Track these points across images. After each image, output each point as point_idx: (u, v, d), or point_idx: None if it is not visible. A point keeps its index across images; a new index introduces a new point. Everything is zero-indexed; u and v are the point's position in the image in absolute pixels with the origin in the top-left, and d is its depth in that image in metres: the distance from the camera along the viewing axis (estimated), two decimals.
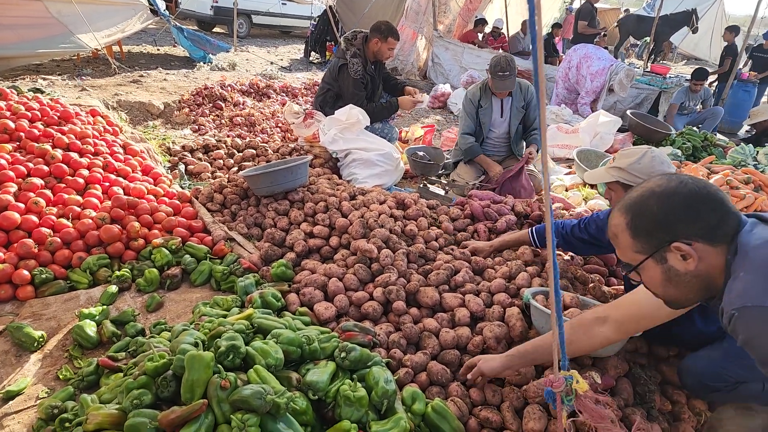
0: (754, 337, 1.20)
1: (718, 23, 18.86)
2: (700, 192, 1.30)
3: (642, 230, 1.35)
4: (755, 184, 4.11)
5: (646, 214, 1.34)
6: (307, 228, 3.04)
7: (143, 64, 8.39)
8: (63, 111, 3.67)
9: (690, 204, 1.29)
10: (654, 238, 1.33)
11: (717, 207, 1.30)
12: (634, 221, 1.36)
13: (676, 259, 1.32)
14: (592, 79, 7.39)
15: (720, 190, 1.34)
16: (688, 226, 1.29)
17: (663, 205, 1.31)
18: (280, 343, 1.80)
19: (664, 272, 1.35)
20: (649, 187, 1.36)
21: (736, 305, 1.21)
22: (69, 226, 2.74)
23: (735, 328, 1.23)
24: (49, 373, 2.06)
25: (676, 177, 1.35)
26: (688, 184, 1.32)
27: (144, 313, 2.47)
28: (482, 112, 4.46)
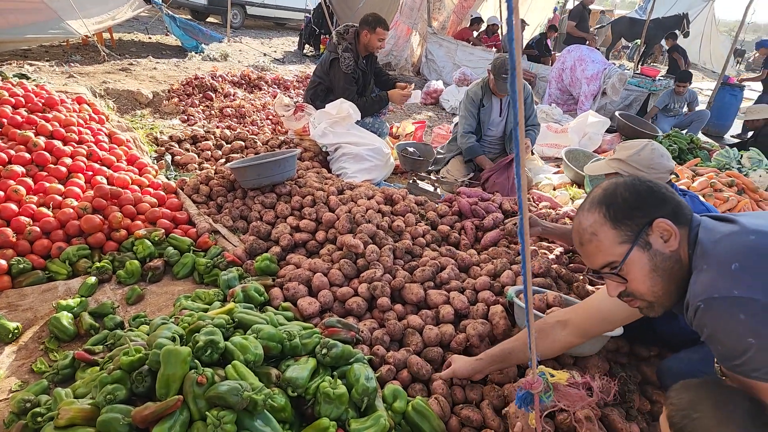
0: (720, 330, 1.21)
1: (708, 27, 19.05)
2: (653, 182, 1.39)
3: (622, 216, 1.35)
4: (738, 187, 4.14)
5: (619, 202, 1.36)
6: (294, 222, 3.01)
7: (134, 52, 8.27)
8: (48, 98, 3.60)
9: (653, 189, 1.36)
10: (635, 220, 1.34)
11: (669, 194, 1.37)
12: (610, 211, 1.36)
13: (659, 242, 1.33)
14: (588, 83, 7.45)
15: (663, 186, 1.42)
16: (658, 207, 1.34)
17: (631, 191, 1.37)
18: (261, 339, 1.77)
19: (651, 259, 1.34)
20: (611, 182, 1.43)
21: (701, 297, 1.23)
22: (49, 216, 2.69)
23: (701, 321, 1.25)
24: (23, 366, 2.02)
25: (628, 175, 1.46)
26: (640, 179, 1.41)
27: (124, 305, 2.43)
28: (483, 111, 4.48)
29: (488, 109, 4.49)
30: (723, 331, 1.21)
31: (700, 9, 18.48)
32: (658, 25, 13.98)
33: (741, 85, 9.48)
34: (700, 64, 20.35)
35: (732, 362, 1.22)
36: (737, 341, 1.18)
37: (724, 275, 1.21)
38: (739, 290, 1.17)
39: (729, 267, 1.21)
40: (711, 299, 1.21)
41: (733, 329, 1.19)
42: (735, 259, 1.22)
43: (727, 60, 8.98)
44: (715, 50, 19.69)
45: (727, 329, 1.20)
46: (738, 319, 1.17)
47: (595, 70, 7.43)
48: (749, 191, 4.19)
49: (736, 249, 1.24)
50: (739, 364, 1.20)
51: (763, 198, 4.20)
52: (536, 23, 14.28)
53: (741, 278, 1.19)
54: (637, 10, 18.98)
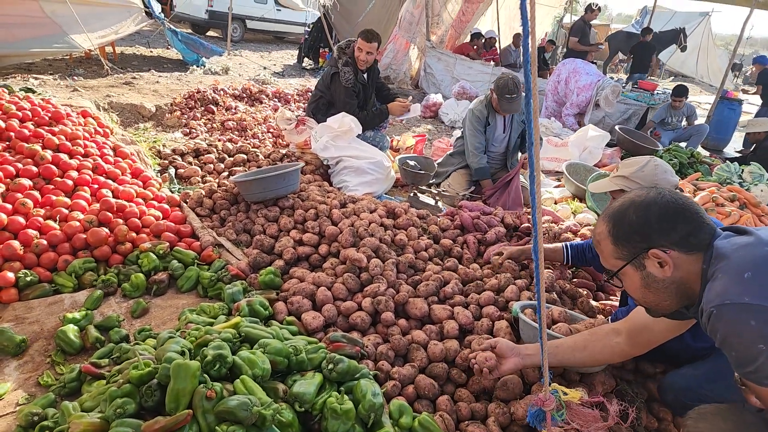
0: (731, 335, 1.25)
1: (705, 41, 19.26)
2: (676, 203, 1.38)
3: (622, 238, 1.43)
4: (740, 201, 4.17)
5: (625, 223, 1.43)
6: (297, 235, 3.03)
7: (136, 66, 8.34)
8: (54, 111, 3.63)
9: (666, 214, 1.38)
10: (633, 245, 1.42)
11: (691, 218, 1.38)
12: (614, 229, 1.44)
13: (654, 266, 1.40)
14: (578, 93, 7.50)
15: (695, 203, 1.42)
16: (665, 235, 1.37)
17: (641, 214, 1.40)
18: (268, 353, 1.78)
19: (643, 278, 1.43)
20: (629, 198, 1.46)
21: (714, 303, 1.27)
22: (56, 229, 2.70)
23: (714, 327, 1.29)
24: (30, 379, 2.02)
25: (656, 189, 1.44)
26: (665, 195, 1.40)
27: (129, 318, 2.44)
28: (488, 129, 4.51)
29: (493, 127, 4.53)
30: (734, 336, 1.25)
31: (696, 23, 18.73)
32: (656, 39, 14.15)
33: (739, 99, 9.57)
34: (697, 78, 20.56)
35: (745, 369, 1.25)
36: (748, 347, 1.22)
37: (737, 283, 1.25)
38: (750, 297, 1.21)
39: (742, 276, 1.25)
40: (723, 305, 1.25)
41: (744, 335, 1.22)
42: (748, 269, 1.26)
43: (726, 74, 9.07)
44: (712, 64, 19.90)
45: (739, 335, 1.24)
46: (749, 325, 1.20)
47: (588, 81, 7.50)
48: (751, 206, 4.22)
49: (749, 259, 1.28)
50: (753, 371, 1.23)
51: (765, 213, 4.23)
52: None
53: (752, 286, 1.23)
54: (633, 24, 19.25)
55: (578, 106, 7.60)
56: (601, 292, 2.91)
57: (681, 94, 7.64)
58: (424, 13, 10.50)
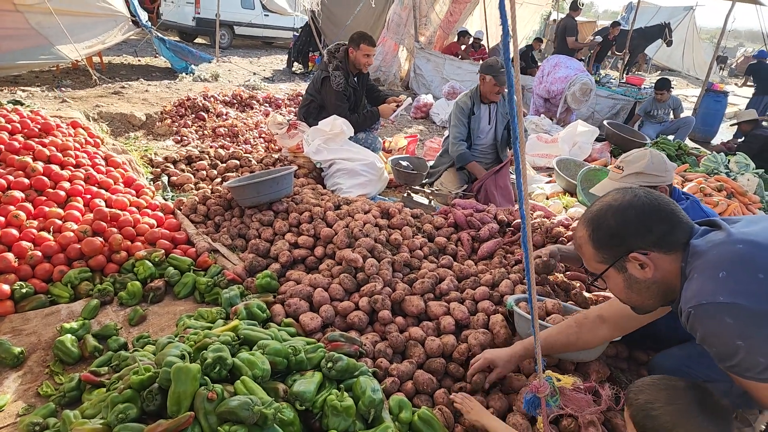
0: (709, 334, 1.30)
1: (690, 35, 19.45)
2: (652, 204, 1.41)
3: (602, 242, 1.46)
4: (727, 191, 4.23)
5: (604, 228, 1.45)
6: (292, 238, 3.04)
7: (124, 75, 8.32)
8: (44, 123, 3.62)
9: (642, 216, 1.40)
10: (613, 249, 1.44)
11: (667, 217, 1.40)
12: (594, 234, 1.46)
13: (635, 268, 1.43)
14: (552, 83, 7.52)
15: (670, 201, 1.44)
16: (643, 237, 1.40)
17: (619, 218, 1.42)
18: (267, 354, 1.80)
19: (625, 280, 1.46)
20: (606, 202, 1.47)
21: (691, 303, 1.31)
22: (50, 240, 2.70)
23: (693, 326, 1.33)
24: (29, 390, 2.02)
25: (631, 191, 1.46)
26: (640, 197, 1.43)
27: (126, 326, 2.44)
28: (473, 120, 4.57)
29: (478, 118, 4.58)
30: (712, 334, 1.29)
31: (681, 17, 18.91)
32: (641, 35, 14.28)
33: (725, 91, 9.69)
34: (683, 71, 20.75)
35: (726, 363, 1.29)
36: (726, 344, 1.26)
37: (712, 283, 1.29)
38: (725, 296, 1.25)
39: (717, 275, 1.28)
40: (699, 305, 1.29)
41: (721, 333, 1.26)
42: (722, 268, 1.29)
43: (710, 67, 9.19)
44: (698, 57, 20.10)
45: (716, 333, 1.28)
46: (725, 323, 1.24)
47: (565, 74, 7.52)
48: (738, 195, 4.28)
49: (723, 258, 1.31)
50: (733, 365, 1.27)
51: (752, 201, 4.30)
52: (522, 36, 14.53)
53: (726, 285, 1.26)
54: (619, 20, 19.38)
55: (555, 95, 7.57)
56: (594, 285, 2.94)
57: (663, 87, 7.73)
58: (411, 14, 10.56)
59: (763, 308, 1.21)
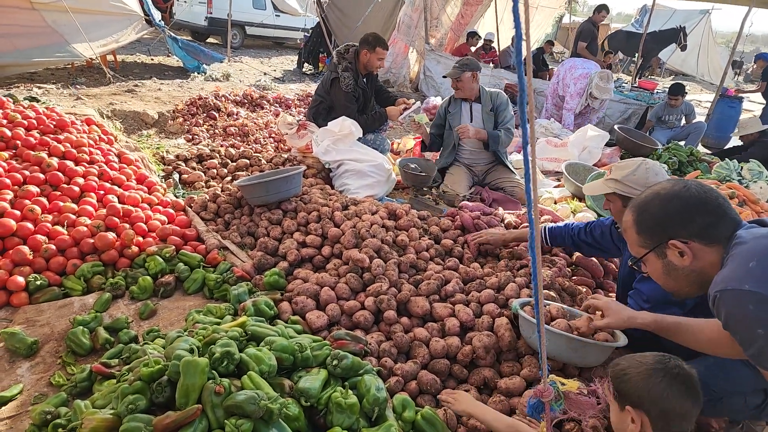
0: (732, 318, 1.33)
1: (706, 39, 19.25)
2: (700, 197, 1.45)
3: (644, 228, 1.53)
4: (739, 198, 4.20)
5: (648, 214, 1.52)
6: (300, 237, 3.08)
7: (137, 74, 8.42)
8: (59, 120, 3.69)
9: (686, 207, 1.45)
10: (654, 235, 1.51)
11: (713, 211, 1.45)
12: (638, 219, 1.54)
13: (674, 255, 1.48)
14: (575, 83, 7.41)
15: (721, 196, 1.47)
16: (684, 227, 1.45)
17: (663, 206, 1.49)
18: (274, 351, 1.83)
19: (664, 266, 1.53)
20: (655, 190, 1.54)
21: (718, 288, 1.34)
22: (64, 234, 2.76)
23: (718, 309, 1.36)
24: (41, 379, 2.08)
25: (682, 182, 1.51)
26: (690, 188, 1.47)
27: (137, 320, 2.49)
28: (450, 117, 4.68)
29: (456, 114, 4.64)
30: (734, 319, 1.33)
31: (696, 21, 18.71)
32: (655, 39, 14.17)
33: (740, 97, 9.57)
34: (698, 76, 20.55)
35: (748, 351, 1.32)
36: (747, 330, 1.30)
37: (741, 270, 1.32)
38: (750, 284, 1.27)
39: (747, 264, 1.32)
40: (725, 291, 1.32)
41: (743, 319, 1.30)
42: (754, 258, 1.32)
43: (725, 72, 9.07)
44: (713, 62, 19.88)
45: (738, 318, 1.32)
46: (748, 310, 1.27)
47: (585, 71, 7.43)
48: (750, 203, 4.24)
49: (758, 249, 1.34)
50: (754, 354, 1.30)
51: (765, 209, 4.26)
52: (534, 39, 14.50)
53: (755, 274, 1.29)
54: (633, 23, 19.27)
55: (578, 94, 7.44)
56: (600, 289, 2.95)
57: (677, 93, 7.64)
58: (422, 16, 10.56)
59: None
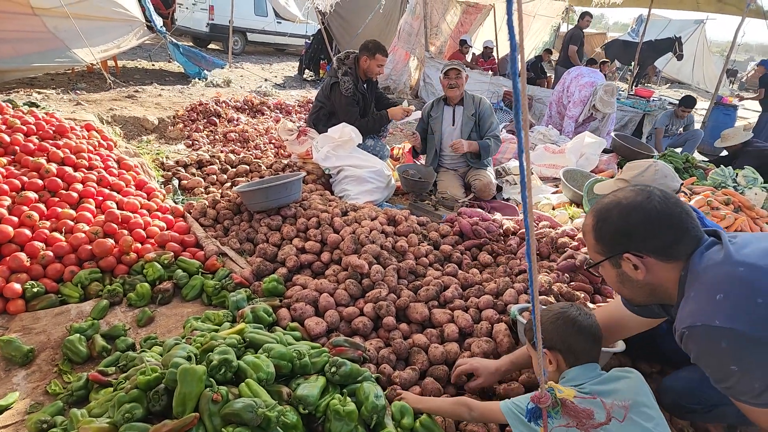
0: (703, 355, 1.29)
1: (700, 49, 19.40)
2: (662, 211, 1.38)
3: (602, 236, 1.48)
4: (735, 204, 4.21)
5: (607, 223, 1.46)
6: (299, 243, 3.08)
7: (138, 79, 8.44)
8: (58, 125, 3.69)
9: (647, 222, 1.39)
10: (610, 245, 1.46)
11: (674, 227, 1.38)
12: (597, 226, 1.49)
13: (628, 267, 1.44)
14: (580, 90, 7.38)
15: (684, 210, 1.41)
16: (642, 241, 1.40)
17: (623, 217, 1.43)
18: (272, 358, 1.82)
19: (618, 275, 1.50)
20: (618, 197, 1.47)
21: (686, 324, 1.30)
22: (62, 240, 2.75)
23: (687, 346, 1.33)
24: (38, 388, 2.06)
25: (647, 192, 1.43)
26: (653, 201, 1.40)
27: (135, 327, 2.48)
28: (432, 121, 4.75)
29: (438, 118, 4.70)
30: (707, 356, 1.29)
31: (691, 31, 18.89)
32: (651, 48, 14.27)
33: (734, 105, 9.64)
34: (693, 85, 20.69)
35: (720, 385, 1.29)
36: (720, 367, 1.26)
37: (709, 305, 1.27)
38: (721, 320, 1.22)
39: (714, 297, 1.26)
40: (694, 327, 1.28)
41: (715, 356, 1.26)
42: (720, 290, 1.26)
43: (720, 80, 9.14)
44: (708, 70, 20.04)
45: (711, 356, 1.27)
46: (720, 347, 1.23)
47: (591, 79, 7.40)
48: (746, 209, 4.26)
49: (722, 279, 1.29)
50: (728, 387, 1.27)
51: (760, 215, 4.27)
52: (532, 47, 14.58)
53: (724, 308, 1.24)
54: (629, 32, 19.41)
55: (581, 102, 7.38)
56: (598, 295, 2.94)
57: (690, 105, 7.64)
58: (422, 24, 10.64)
59: (759, 334, 1.19)
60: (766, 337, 1.19)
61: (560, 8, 13.70)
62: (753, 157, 6.06)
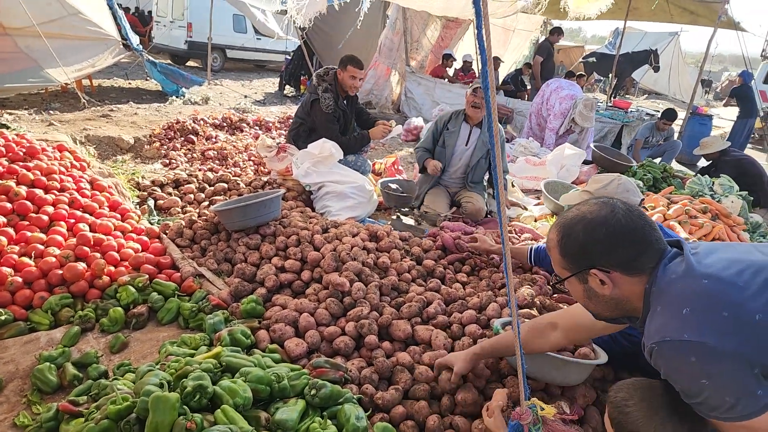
0: (673, 371, 1.28)
1: (676, 60, 19.90)
2: (626, 225, 1.37)
3: (567, 252, 1.45)
4: (712, 213, 4.27)
5: (572, 238, 1.43)
6: (279, 262, 3.02)
7: (114, 98, 8.34)
8: (29, 147, 3.60)
9: (611, 237, 1.37)
10: (576, 261, 1.43)
11: (637, 241, 1.37)
12: (562, 241, 1.46)
13: (595, 282, 1.42)
14: (560, 102, 7.44)
15: (648, 223, 1.40)
16: (608, 257, 1.38)
17: (587, 233, 1.40)
18: (249, 382, 1.77)
19: (585, 291, 1.47)
20: (582, 212, 1.44)
21: (655, 339, 1.28)
22: (31, 265, 2.66)
23: (656, 362, 1.31)
24: (5, 420, 1.96)
25: (610, 206, 1.41)
26: (617, 215, 1.38)
27: (108, 354, 2.39)
28: (447, 135, 4.58)
29: (454, 133, 4.56)
30: (676, 372, 1.27)
31: (666, 43, 19.37)
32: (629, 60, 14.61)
33: (710, 114, 9.86)
34: (670, 95, 21.17)
35: (691, 401, 1.27)
36: (691, 382, 1.24)
37: (676, 319, 1.26)
38: (689, 334, 1.21)
39: (681, 311, 1.25)
40: (663, 342, 1.26)
41: (685, 371, 1.24)
42: (687, 304, 1.26)
43: (694, 90, 9.34)
44: (684, 81, 20.52)
45: (680, 371, 1.26)
46: (690, 362, 1.22)
47: (571, 92, 7.48)
48: (723, 217, 4.32)
49: (687, 293, 1.28)
50: (699, 403, 1.25)
51: (737, 223, 4.34)
52: (512, 61, 14.79)
53: (691, 322, 1.23)
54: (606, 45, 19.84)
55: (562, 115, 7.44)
56: None
57: (671, 119, 7.77)
58: (403, 39, 10.72)
59: (727, 347, 1.18)
60: (733, 350, 1.18)
61: (538, 22, 13.93)
62: (731, 167, 6.18)
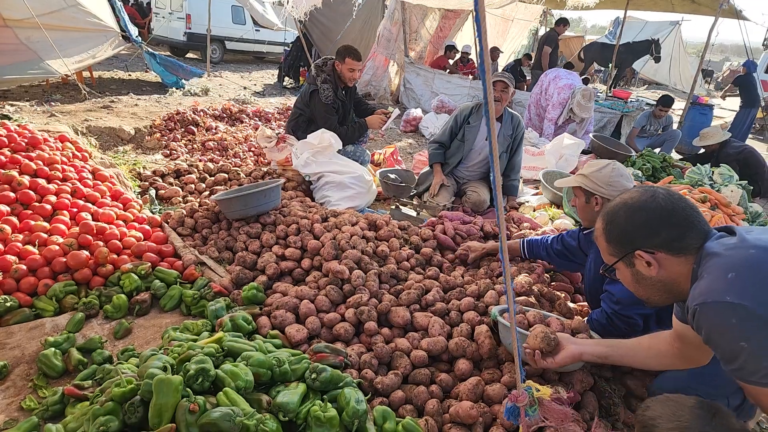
0: (714, 332, 1.31)
1: (676, 50, 19.77)
2: (666, 208, 1.44)
3: (612, 238, 1.54)
4: (711, 202, 4.29)
5: (615, 224, 1.52)
6: (279, 251, 3.05)
7: (114, 90, 8.34)
8: (31, 137, 3.62)
9: (652, 219, 1.44)
10: (621, 245, 1.51)
11: (678, 222, 1.43)
12: (606, 228, 1.54)
13: (642, 265, 1.48)
14: (559, 92, 7.41)
15: (689, 205, 1.46)
16: (651, 239, 1.45)
17: (629, 218, 1.48)
18: (251, 366, 1.80)
19: (633, 275, 1.53)
20: (624, 199, 1.53)
21: (698, 301, 1.33)
22: (35, 253, 2.69)
23: (698, 324, 1.35)
24: (12, 404, 2.01)
25: (650, 191, 1.49)
26: (657, 199, 1.46)
27: (112, 340, 2.43)
28: (468, 129, 4.54)
29: (474, 128, 4.52)
30: (717, 333, 1.31)
31: (667, 32, 19.24)
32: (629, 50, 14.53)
33: (710, 104, 9.83)
34: (671, 85, 21.05)
35: (730, 366, 1.29)
36: (730, 344, 1.28)
37: (720, 281, 1.31)
38: (731, 296, 1.26)
39: (726, 276, 1.30)
40: (705, 303, 1.31)
41: (725, 332, 1.28)
42: (732, 270, 1.30)
43: (695, 80, 9.32)
44: (684, 71, 20.38)
45: (721, 331, 1.30)
46: (730, 323, 1.26)
47: (569, 81, 7.44)
48: (722, 206, 4.34)
49: (734, 260, 1.33)
50: (737, 369, 1.27)
51: (736, 212, 4.36)
52: (511, 50, 14.74)
53: (735, 286, 1.27)
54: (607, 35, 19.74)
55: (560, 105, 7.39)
56: (579, 294, 2.97)
57: (667, 105, 7.73)
58: (401, 30, 10.68)
59: None
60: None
61: (537, 12, 13.88)
62: (732, 158, 6.19)
